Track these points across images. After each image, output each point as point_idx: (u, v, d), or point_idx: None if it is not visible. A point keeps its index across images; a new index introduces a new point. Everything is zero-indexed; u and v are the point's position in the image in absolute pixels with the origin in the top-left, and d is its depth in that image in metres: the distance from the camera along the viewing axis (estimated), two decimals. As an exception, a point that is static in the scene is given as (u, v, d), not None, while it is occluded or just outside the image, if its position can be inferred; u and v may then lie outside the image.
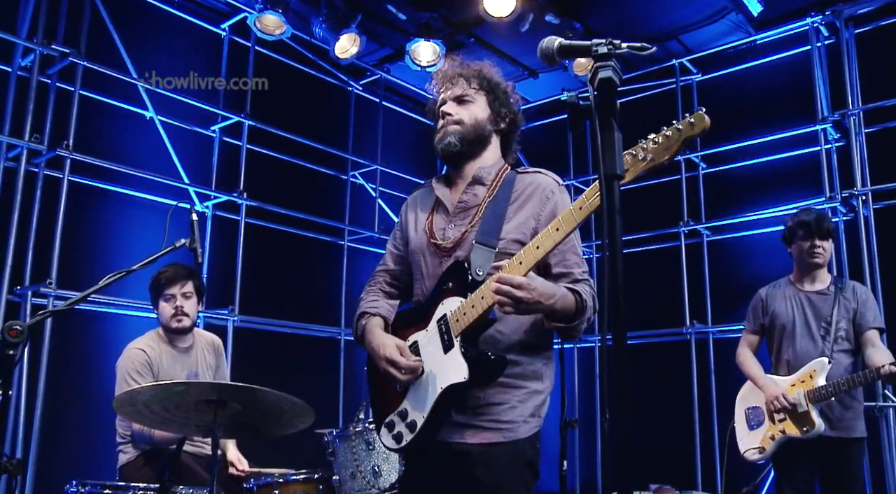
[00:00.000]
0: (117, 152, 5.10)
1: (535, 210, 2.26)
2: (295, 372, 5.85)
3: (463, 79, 2.40)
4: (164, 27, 5.60)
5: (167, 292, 3.72)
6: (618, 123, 1.19)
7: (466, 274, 2.16)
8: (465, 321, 2.11)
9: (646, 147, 1.79)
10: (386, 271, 2.53)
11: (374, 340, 2.28)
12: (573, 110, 1.30)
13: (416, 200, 2.53)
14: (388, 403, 2.30)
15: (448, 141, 2.34)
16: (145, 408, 2.65)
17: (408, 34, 6.06)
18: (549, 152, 7.24)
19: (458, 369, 2.09)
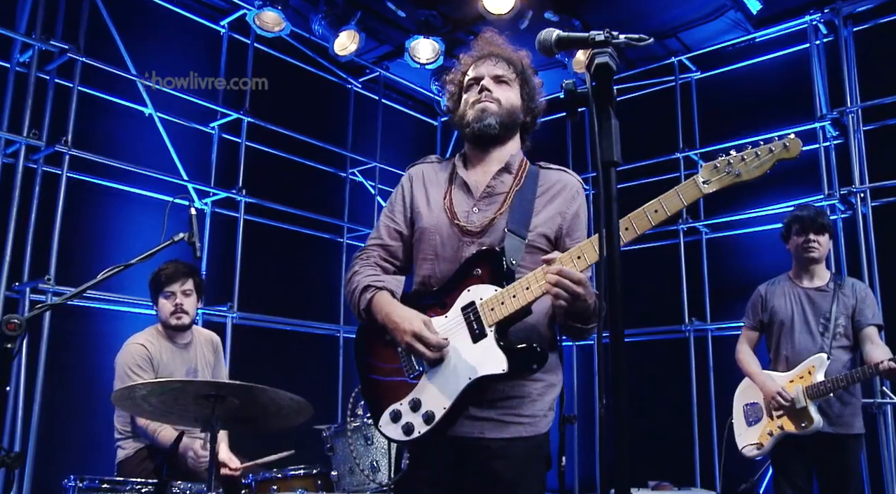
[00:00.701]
0: (116, 149, 5.10)
1: (563, 207, 2.23)
2: (293, 369, 5.85)
3: (504, 60, 2.31)
4: (163, 24, 5.61)
5: (167, 289, 3.72)
6: (615, 111, 1.20)
7: (501, 262, 2.08)
8: (502, 311, 2.02)
9: (732, 161, 1.81)
10: (381, 246, 2.34)
11: (396, 312, 2.10)
12: (570, 96, 1.30)
13: (423, 175, 2.38)
14: (393, 391, 2.14)
15: (488, 122, 2.23)
16: (144, 402, 2.66)
17: (407, 32, 6.06)
18: (548, 149, 7.22)
19: (495, 360, 2.00)
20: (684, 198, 1.87)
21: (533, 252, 2.17)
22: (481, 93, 2.26)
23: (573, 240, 2.21)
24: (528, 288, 2.00)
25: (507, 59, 2.31)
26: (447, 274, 2.19)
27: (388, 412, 2.11)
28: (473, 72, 2.32)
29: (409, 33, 5.97)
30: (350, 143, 6.74)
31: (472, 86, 2.30)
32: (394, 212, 2.37)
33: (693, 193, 1.88)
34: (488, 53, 2.33)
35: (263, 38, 5.83)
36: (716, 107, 6.45)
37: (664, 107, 6.54)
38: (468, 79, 2.33)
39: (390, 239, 2.34)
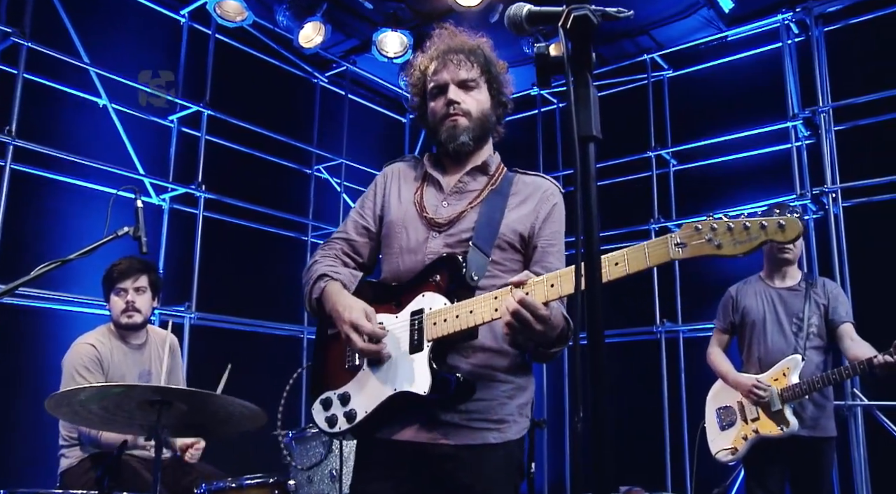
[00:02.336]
0: (68, 141, 4.86)
1: (537, 206, 2.11)
2: (255, 372, 5.61)
3: (465, 59, 2.12)
4: (119, 11, 5.37)
5: (119, 286, 3.52)
6: (592, 78, 1.05)
7: (461, 273, 1.95)
8: (443, 328, 1.91)
9: (716, 228, 1.57)
10: (345, 240, 2.25)
11: (341, 301, 2.01)
12: (543, 62, 1.13)
13: (399, 172, 2.29)
14: (332, 377, 2.09)
15: (462, 140, 2.10)
16: (82, 408, 2.46)
17: (375, 24, 5.90)
18: (519, 147, 7.12)
19: (420, 380, 1.89)
20: (650, 258, 1.64)
21: (505, 249, 2.06)
22: (449, 106, 2.11)
23: (545, 241, 2.10)
24: (473, 311, 1.87)
25: (469, 54, 2.14)
26: (410, 267, 2.09)
27: (322, 397, 2.08)
28: (436, 77, 2.15)
29: (377, 26, 5.81)
30: (316, 139, 6.55)
31: (438, 95, 2.15)
32: (363, 208, 2.29)
33: (662, 255, 1.63)
34: (448, 50, 2.16)
35: (225, 29, 5.62)
36: (688, 105, 6.39)
37: (636, 105, 6.46)
38: (431, 85, 2.17)
39: (356, 234, 2.26)
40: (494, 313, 1.83)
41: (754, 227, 1.53)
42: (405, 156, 2.38)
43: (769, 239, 1.52)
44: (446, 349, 1.94)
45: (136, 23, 5.48)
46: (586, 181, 0.97)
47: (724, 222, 1.57)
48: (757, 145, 5.92)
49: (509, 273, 2.05)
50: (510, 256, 2.07)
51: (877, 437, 4.93)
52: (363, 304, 2.01)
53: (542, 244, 2.08)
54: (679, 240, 1.60)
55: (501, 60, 2.25)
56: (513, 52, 6.39)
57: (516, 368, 2.04)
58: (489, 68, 2.16)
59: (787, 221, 1.51)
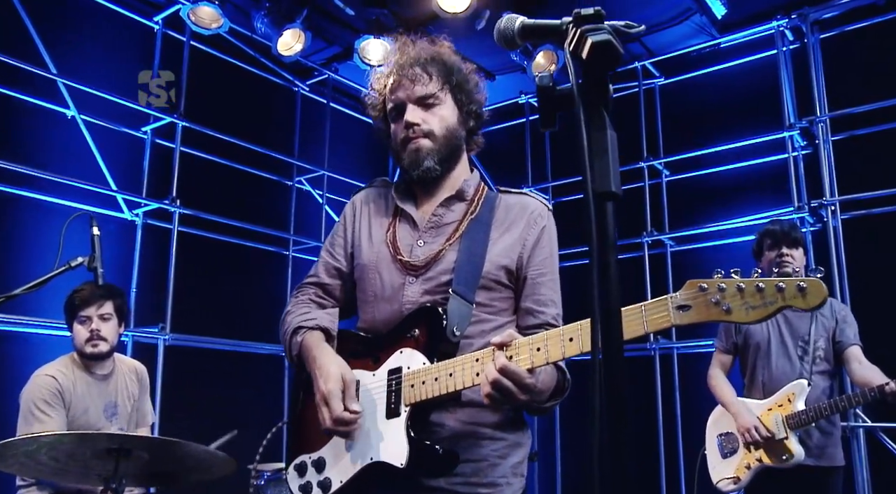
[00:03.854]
0: (33, 154, 4.61)
1: (523, 233, 1.88)
2: (234, 395, 5.38)
3: (422, 71, 1.89)
4: (89, 18, 5.12)
5: (82, 314, 3.28)
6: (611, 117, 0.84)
7: (442, 328, 1.73)
8: (421, 392, 1.69)
9: (725, 289, 1.33)
10: (316, 284, 2.05)
11: (319, 360, 1.80)
12: (546, 97, 0.91)
13: (369, 204, 2.05)
14: (307, 439, 1.88)
15: (426, 165, 1.87)
16: (29, 460, 2.23)
17: (357, 31, 5.68)
18: (506, 158, 6.93)
19: (397, 450, 1.68)
20: (649, 323, 1.41)
21: (491, 288, 1.84)
22: (408, 129, 1.87)
23: (535, 271, 1.88)
24: (453, 374, 1.65)
25: (425, 65, 1.90)
26: (387, 318, 1.87)
27: (297, 461, 1.89)
28: (393, 96, 1.92)
29: (359, 33, 5.59)
30: (297, 150, 6.32)
31: (397, 117, 1.92)
32: (333, 247, 2.07)
33: (661, 320, 1.39)
34: (402, 65, 1.91)
35: (201, 36, 5.39)
36: (680, 114, 6.21)
37: (627, 114, 6.27)
38: (389, 106, 1.94)
39: (328, 276, 2.05)
40: (476, 378, 1.62)
41: (769, 290, 1.29)
42: (375, 181, 2.13)
43: (787, 304, 1.28)
44: (426, 412, 1.73)
45: (107, 31, 5.23)
46: (604, 250, 0.75)
47: (734, 282, 1.34)
48: (752, 155, 5.74)
49: (499, 314, 1.85)
50: (498, 295, 1.85)
51: (880, 460, 4.76)
52: (341, 369, 1.78)
53: (531, 274, 1.86)
54: (681, 301, 1.38)
55: (468, 62, 2.01)
56: (500, 59, 6.21)
57: (509, 423, 1.82)
58: (451, 77, 1.92)
59: (810, 284, 1.26)
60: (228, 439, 3.06)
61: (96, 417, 3.25)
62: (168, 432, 4.72)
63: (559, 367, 1.74)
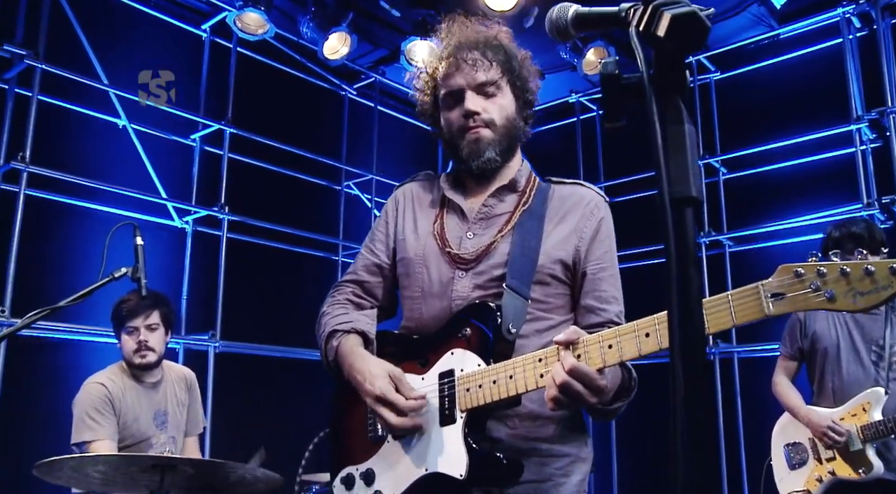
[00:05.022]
0: (86, 164, 4.66)
1: (579, 224, 1.77)
2: (284, 402, 5.36)
3: (482, 57, 1.77)
4: (138, 28, 5.16)
5: (129, 324, 3.27)
6: (688, 107, 0.72)
7: (497, 326, 1.60)
8: (478, 396, 1.56)
9: (825, 274, 1.17)
10: (355, 282, 1.94)
11: (358, 365, 1.69)
12: (611, 87, 0.79)
13: (413, 197, 1.95)
14: (353, 449, 1.77)
15: (488, 156, 1.77)
16: (76, 473, 2.21)
17: (403, 33, 5.61)
18: (556, 159, 6.78)
19: (454, 459, 1.55)
20: (738, 314, 1.27)
21: (547, 283, 1.72)
22: (468, 118, 1.76)
23: (595, 266, 1.76)
24: (514, 376, 1.52)
25: (486, 50, 1.78)
26: (435, 315, 1.75)
27: (343, 474, 1.78)
28: (449, 81, 1.80)
29: (405, 35, 5.52)
30: (344, 154, 6.28)
31: (453, 104, 1.80)
32: (373, 242, 1.96)
33: (752, 311, 1.25)
34: (460, 47, 1.79)
35: (248, 42, 5.39)
36: (738, 109, 5.97)
37: (681, 110, 6.06)
38: (443, 92, 1.82)
39: (367, 274, 1.93)
40: (540, 380, 1.49)
41: (881, 273, 1.11)
42: (418, 175, 2.03)
43: None
44: (483, 418, 1.60)
45: (156, 40, 5.27)
46: (684, 264, 0.64)
47: (836, 265, 1.17)
48: (815, 151, 5.48)
49: (554, 311, 1.73)
50: (554, 291, 1.73)
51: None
52: (386, 367, 1.67)
53: (591, 270, 1.75)
54: (775, 289, 1.23)
55: (522, 49, 1.90)
56: (549, 58, 6.07)
57: (572, 434, 1.70)
58: (510, 64, 1.81)
59: None
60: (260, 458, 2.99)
61: (146, 425, 3.24)
62: (219, 439, 4.72)
63: (624, 365, 1.61)
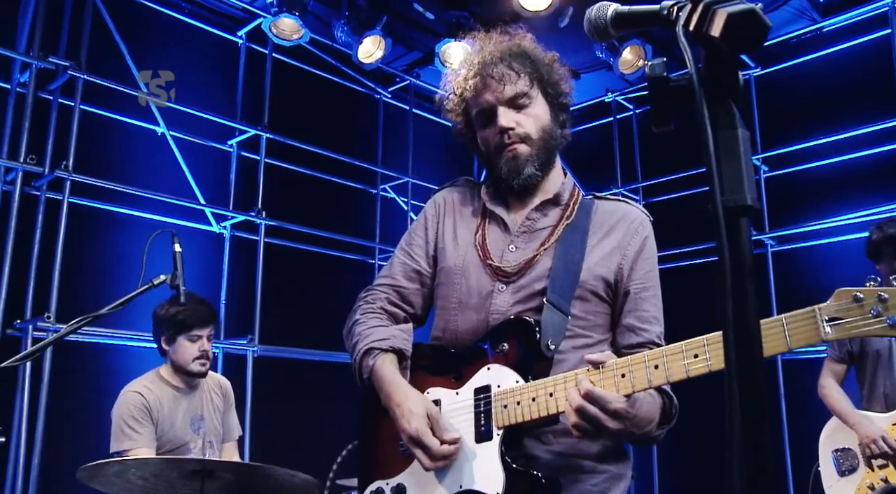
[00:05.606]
0: (127, 171, 4.73)
1: (622, 242, 1.73)
2: (322, 406, 5.37)
3: (508, 69, 1.73)
4: (175, 36, 5.23)
5: (194, 332, 3.29)
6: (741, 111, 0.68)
7: (536, 342, 1.58)
8: (516, 414, 1.54)
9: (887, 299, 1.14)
10: (392, 287, 1.88)
11: (397, 397, 1.64)
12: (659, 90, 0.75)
13: (453, 204, 1.91)
14: (383, 463, 1.74)
15: (528, 173, 1.73)
16: (119, 479, 2.23)
17: (437, 35, 5.60)
18: (593, 159, 6.70)
19: (490, 477, 1.53)
20: (793, 338, 1.24)
21: (587, 300, 1.68)
22: (502, 135, 1.72)
23: (638, 285, 1.72)
24: (553, 394, 1.49)
25: (511, 61, 1.74)
26: (471, 328, 1.72)
27: (373, 487, 1.74)
28: (479, 99, 1.76)
29: (439, 37, 5.51)
30: (380, 157, 6.29)
31: (486, 123, 1.77)
32: (412, 247, 1.90)
33: (808, 335, 1.22)
34: (485, 64, 1.75)
35: (283, 48, 5.43)
36: (779, 106, 5.84)
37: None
38: (475, 112, 1.79)
39: (406, 279, 1.88)
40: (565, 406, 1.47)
41: None
42: (457, 181, 1.98)
43: None
44: (520, 435, 1.58)
45: (193, 47, 5.34)
46: (740, 277, 0.60)
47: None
48: (862, 147, 5.32)
49: (594, 329, 1.69)
50: (594, 308, 1.69)
51: None
52: (422, 404, 1.62)
53: (634, 289, 1.71)
54: (832, 313, 1.19)
55: (549, 51, 1.83)
56: (585, 57, 6.02)
57: (611, 453, 1.66)
58: (539, 71, 1.76)
59: None
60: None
61: (183, 431, 3.26)
62: (257, 444, 4.75)
63: (664, 391, 1.58)
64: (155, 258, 2.49)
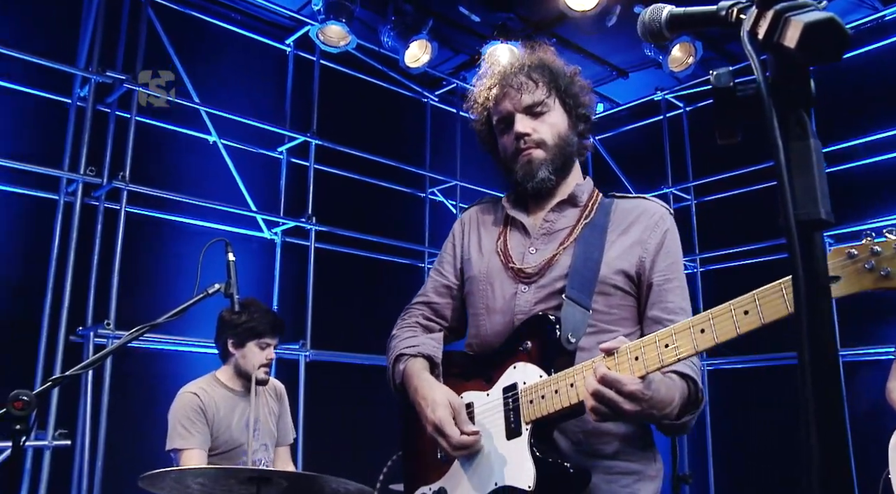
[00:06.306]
0: (180, 180, 4.84)
1: (642, 236, 1.76)
2: (374, 410, 5.39)
3: (527, 79, 1.81)
4: (225, 47, 5.34)
5: (265, 340, 3.37)
6: (812, 119, 0.65)
7: (556, 337, 1.62)
8: (541, 407, 1.59)
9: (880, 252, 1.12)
10: (425, 304, 2.01)
11: (422, 391, 1.74)
12: (726, 101, 0.72)
13: (476, 218, 2.01)
14: (424, 469, 1.81)
15: (541, 177, 1.81)
16: (178, 485, 2.27)
17: (483, 38, 5.58)
18: (643, 157, 6.60)
19: (522, 472, 1.58)
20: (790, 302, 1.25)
21: (609, 294, 1.71)
22: (519, 140, 1.80)
23: (661, 277, 1.73)
24: (574, 384, 1.53)
25: (530, 72, 1.82)
26: (499, 331, 1.78)
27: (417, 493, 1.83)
28: (499, 108, 1.85)
29: (485, 39, 5.49)
30: (428, 161, 6.30)
31: (505, 129, 1.85)
32: (442, 264, 2.03)
33: None
34: (505, 74, 1.84)
35: (330, 55, 5.48)
36: (835, 99, 5.65)
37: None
38: (496, 119, 1.87)
39: (436, 295, 2.00)
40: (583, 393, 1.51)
41: None
42: (483, 199, 2.09)
43: None
44: (549, 429, 1.62)
45: (242, 57, 5.43)
46: (814, 294, 0.58)
47: (891, 242, 1.12)
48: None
49: (619, 323, 1.72)
50: (618, 302, 1.73)
51: None
52: (446, 395, 1.71)
53: (657, 281, 1.73)
54: (830, 272, 1.15)
55: (571, 65, 1.91)
56: (633, 56, 5.93)
57: (638, 451, 1.69)
58: (557, 81, 1.83)
59: None
60: None
61: (239, 432, 3.31)
62: (310, 447, 4.80)
63: (685, 376, 1.59)
64: (209, 265, 2.54)
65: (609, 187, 2.01)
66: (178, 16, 5.02)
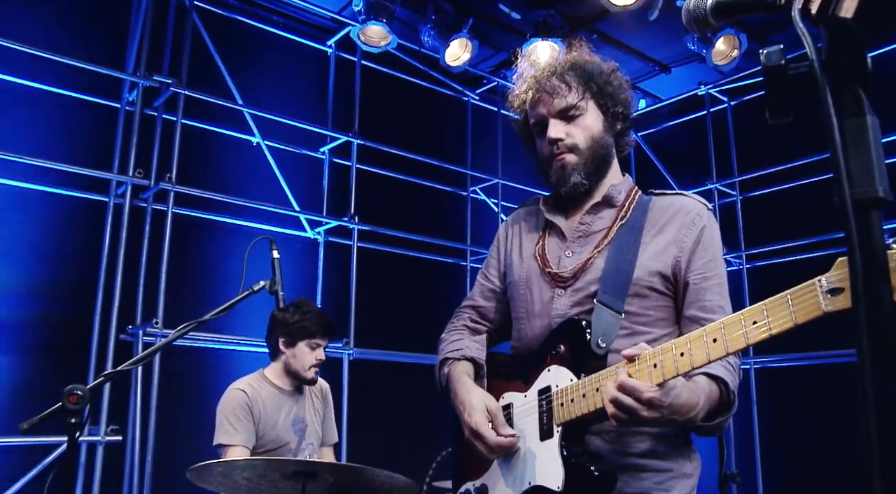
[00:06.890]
0: (225, 181, 4.93)
1: (678, 235, 1.75)
2: (417, 409, 5.42)
3: (560, 82, 1.81)
4: (268, 49, 5.42)
5: (316, 340, 3.39)
6: (871, 98, 0.63)
7: (586, 341, 1.65)
8: (571, 410, 1.61)
9: None
10: (472, 307, 2.06)
11: (461, 395, 1.80)
12: (778, 79, 0.70)
13: (519, 223, 2.03)
14: (470, 466, 1.87)
15: (574, 182, 1.81)
16: (225, 480, 2.31)
17: (523, 35, 5.56)
18: (687, 153, 6.51)
19: (553, 472, 1.61)
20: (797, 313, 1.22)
21: (645, 296, 1.70)
22: (552, 145, 1.81)
23: (698, 275, 1.71)
24: (599, 389, 1.55)
25: (563, 75, 1.81)
26: (538, 334, 1.81)
27: (462, 489, 1.89)
28: (533, 112, 1.86)
29: (526, 37, 5.47)
30: (469, 160, 6.30)
31: (540, 133, 1.86)
32: (488, 268, 2.07)
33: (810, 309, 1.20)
34: (539, 77, 1.84)
35: (371, 55, 5.52)
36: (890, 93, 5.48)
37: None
38: (532, 123, 1.89)
39: (482, 299, 2.05)
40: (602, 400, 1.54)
41: None
42: (528, 201, 2.09)
43: None
44: (581, 431, 1.64)
45: (284, 59, 5.50)
46: (871, 275, 0.56)
47: None
48: None
49: (654, 324, 1.70)
50: (654, 303, 1.71)
51: None
52: (483, 399, 1.76)
53: (694, 279, 1.71)
54: (833, 284, 1.14)
55: (607, 61, 1.90)
56: (675, 50, 5.85)
57: (672, 450, 1.68)
58: (591, 83, 1.82)
59: None
60: None
61: (284, 431, 3.35)
62: (354, 446, 4.84)
63: (716, 378, 1.57)
64: (253, 264, 2.58)
65: (653, 184, 1.99)
66: (222, 20, 5.11)
